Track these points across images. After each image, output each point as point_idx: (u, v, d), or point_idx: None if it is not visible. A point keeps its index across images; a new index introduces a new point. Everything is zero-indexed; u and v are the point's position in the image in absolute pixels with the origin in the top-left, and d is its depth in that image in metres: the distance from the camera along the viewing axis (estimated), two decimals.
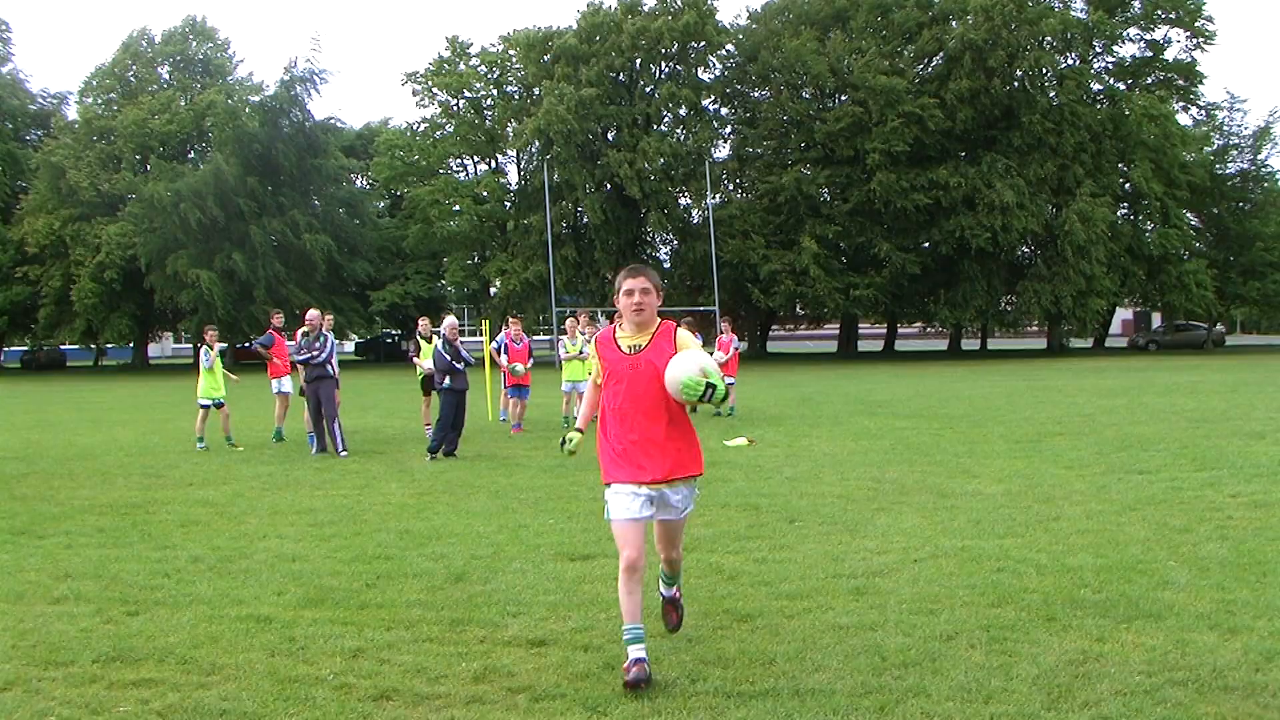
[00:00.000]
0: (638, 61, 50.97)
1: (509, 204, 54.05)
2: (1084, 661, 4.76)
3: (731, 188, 52.73)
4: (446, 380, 13.53)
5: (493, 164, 57.12)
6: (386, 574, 6.68)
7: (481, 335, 20.72)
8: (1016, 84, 48.30)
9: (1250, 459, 11.39)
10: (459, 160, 58.08)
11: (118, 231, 47.36)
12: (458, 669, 4.83)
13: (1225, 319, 63.62)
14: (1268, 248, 51.75)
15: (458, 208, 52.96)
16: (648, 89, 51.72)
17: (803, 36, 48.96)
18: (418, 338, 17.01)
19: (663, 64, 51.61)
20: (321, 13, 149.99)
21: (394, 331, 63.10)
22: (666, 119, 51.93)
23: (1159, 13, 52.10)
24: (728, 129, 53.21)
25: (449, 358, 13.60)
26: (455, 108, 56.43)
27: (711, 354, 19.38)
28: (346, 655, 5.05)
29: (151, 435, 16.97)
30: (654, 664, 4.75)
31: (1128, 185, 51.42)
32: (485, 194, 53.12)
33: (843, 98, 49.16)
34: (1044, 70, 49.18)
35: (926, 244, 49.36)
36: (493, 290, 53.76)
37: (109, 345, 57.56)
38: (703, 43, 50.70)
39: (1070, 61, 51.12)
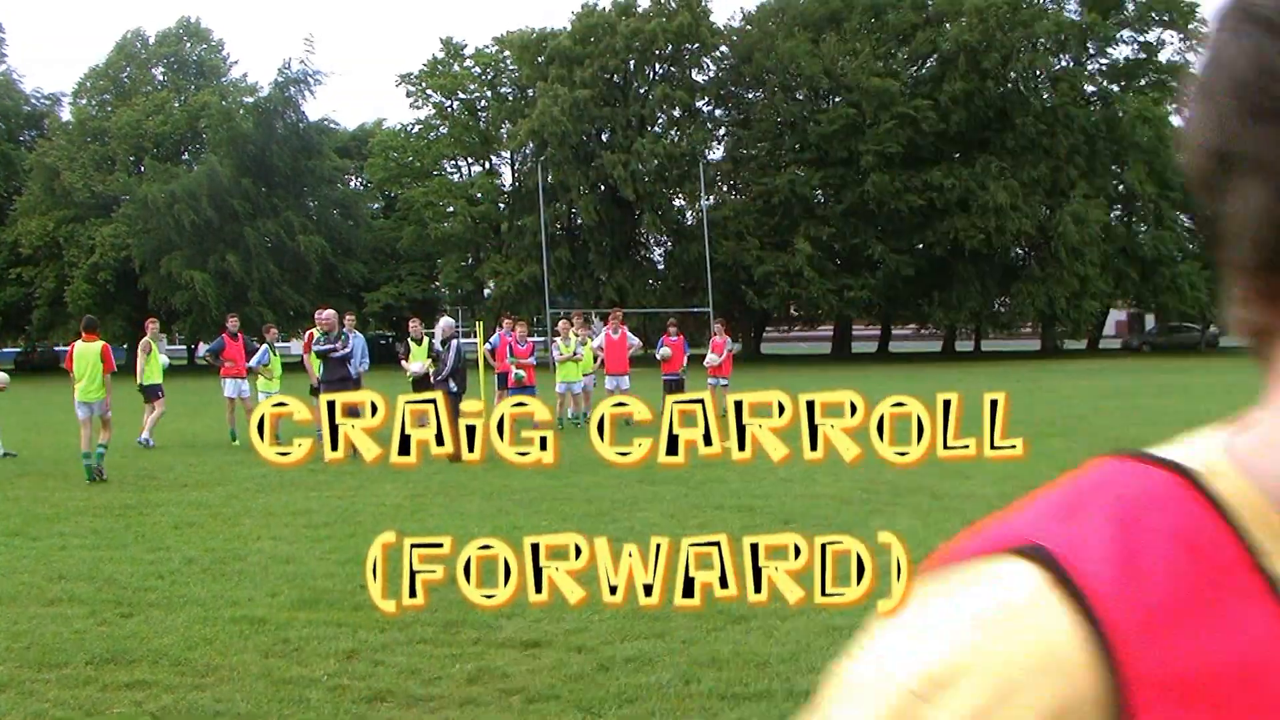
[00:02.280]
0: (632, 63, 50.97)
1: (503, 205, 54.01)
2: None
3: (725, 189, 52.74)
4: (450, 383, 13.64)
5: (487, 165, 57.04)
6: None
7: (475, 337, 20.66)
8: (1010, 86, 48.36)
9: None
10: (453, 161, 58.00)
11: (111, 233, 47.23)
12: (452, 671, 4.84)
13: (1219, 321, 63.74)
14: None
15: (452, 209, 52.91)
16: (642, 90, 51.72)
17: (797, 38, 49.00)
18: (409, 340, 16.87)
19: (657, 65, 51.61)
20: (316, 13, 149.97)
21: (388, 333, 63.03)
22: (660, 120, 51.91)
23: (1152, 14, 52.21)
24: (722, 130, 53.22)
25: (443, 359, 13.75)
26: (449, 109, 56.40)
27: (705, 356, 19.53)
28: (341, 657, 5.06)
29: None
30: (648, 665, 4.75)
31: (1121, 187, 51.48)
32: (479, 195, 53.06)
33: (837, 99, 49.19)
34: (1038, 72, 49.27)
35: (920, 245, 49.41)
36: (486, 292, 53.72)
37: None
38: (697, 44, 50.71)
39: (1064, 63, 51.21)
